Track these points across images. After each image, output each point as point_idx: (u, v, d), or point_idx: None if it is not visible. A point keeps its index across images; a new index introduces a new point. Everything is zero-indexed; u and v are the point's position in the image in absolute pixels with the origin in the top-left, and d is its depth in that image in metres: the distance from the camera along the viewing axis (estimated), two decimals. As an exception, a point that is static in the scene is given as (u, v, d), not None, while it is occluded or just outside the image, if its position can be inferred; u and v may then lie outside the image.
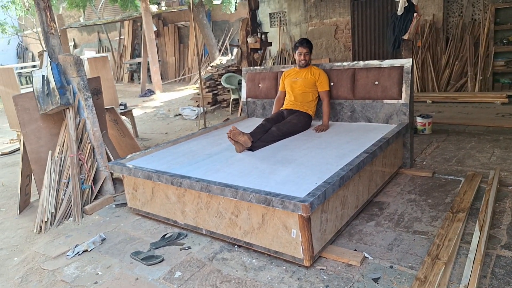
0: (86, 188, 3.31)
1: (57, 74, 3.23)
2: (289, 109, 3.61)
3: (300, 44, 3.54)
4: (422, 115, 4.63)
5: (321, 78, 3.54)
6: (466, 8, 6.58)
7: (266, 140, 3.21)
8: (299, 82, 3.59)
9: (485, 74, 6.32)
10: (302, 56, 3.54)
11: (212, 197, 2.47)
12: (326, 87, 3.55)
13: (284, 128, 3.36)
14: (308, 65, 3.61)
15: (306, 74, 3.58)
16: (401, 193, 3.05)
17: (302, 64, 3.57)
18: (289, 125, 3.41)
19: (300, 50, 3.53)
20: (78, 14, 14.34)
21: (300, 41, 3.56)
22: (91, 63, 5.28)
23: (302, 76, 3.58)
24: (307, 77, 3.56)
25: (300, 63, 3.58)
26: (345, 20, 8.01)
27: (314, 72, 3.57)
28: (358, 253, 2.25)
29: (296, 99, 3.60)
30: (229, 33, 10.83)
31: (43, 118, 3.38)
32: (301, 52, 3.53)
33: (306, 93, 3.57)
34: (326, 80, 3.55)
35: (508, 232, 2.35)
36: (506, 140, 4.04)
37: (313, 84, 3.56)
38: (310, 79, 3.55)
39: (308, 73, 3.58)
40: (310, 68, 3.62)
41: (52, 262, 2.55)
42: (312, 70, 3.60)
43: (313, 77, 3.54)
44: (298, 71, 3.62)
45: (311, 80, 3.55)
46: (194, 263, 2.35)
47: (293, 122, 3.44)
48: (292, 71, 3.69)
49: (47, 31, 3.30)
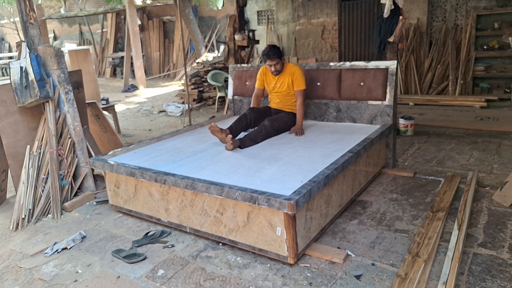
0: (66, 184, 3.22)
1: (37, 66, 3.12)
2: (276, 109, 3.58)
3: (267, 57, 3.34)
4: (405, 116, 4.72)
5: (296, 77, 3.41)
6: (449, 13, 6.75)
7: (257, 138, 3.16)
8: (279, 87, 3.50)
9: (466, 78, 6.51)
10: (272, 68, 3.39)
11: (197, 194, 2.44)
12: (302, 85, 3.42)
13: (277, 124, 3.32)
14: (282, 70, 3.46)
15: (284, 78, 3.46)
16: (384, 193, 3.10)
17: (275, 74, 3.45)
18: (281, 122, 3.37)
19: (269, 63, 3.37)
20: (59, 5, 13.92)
21: (267, 54, 3.34)
22: (72, 55, 5.14)
23: (281, 81, 3.47)
24: (286, 81, 3.45)
25: (273, 74, 3.46)
26: (332, 21, 8.08)
27: (289, 72, 3.44)
28: (341, 251, 2.28)
29: (281, 102, 3.55)
30: (216, 29, 10.74)
31: (21, 112, 3.27)
32: (270, 65, 3.38)
33: (289, 96, 3.51)
34: (301, 78, 3.42)
35: (484, 231, 2.43)
36: (484, 143, 4.17)
37: (291, 84, 3.48)
38: (288, 81, 3.45)
39: (284, 76, 3.45)
40: (286, 69, 3.47)
41: (29, 260, 2.47)
42: (288, 70, 3.45)
43: (290, 78, 3.43)
44: (277, 77, 3.50)
45: (288, 82, 3.45)
46: (177, 261, 2.32)
47: (284, 120, 3.41)
48: (270, 76, 3.55)
49: (26, 20, 3.18)
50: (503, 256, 2.16)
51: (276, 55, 3.35)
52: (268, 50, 3.35)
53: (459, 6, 6.68)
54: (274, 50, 3.35)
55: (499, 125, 4.75)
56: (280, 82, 3.47)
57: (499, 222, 2.51)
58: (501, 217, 2.58)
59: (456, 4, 6.70)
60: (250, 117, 3.38)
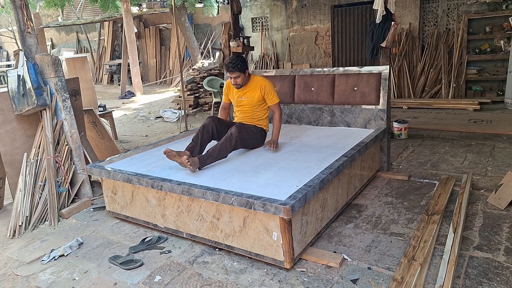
0: (63, 191, 3.22)
1: (34, 74, 3.14)
2: (241, 123, 3.22)
3: (227, 69, 3.03)
4: (399, 120, 4.76)
5: (268, 92, 3.14)
6: (441, 18, 6.85)
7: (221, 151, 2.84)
8: (245, 102, 3.20)
9: (458, 81, 6.58)
10: (233, 80, 3.09)
11: (193, 200, 2.46)
12: (276, 99, 3.18)
13: (245, 133, 3.00)
14: (246, 83, 3.16)
15: (250, 92, 3.16)
16: (379, 196, 3.13)
17: (237, 88, 3.15)
18: (250, 132, 3.09)
19: (230, 75, 3.08)
20: (56, 13, 13.97)
21: (226, 66, 3.02)
22: (69, 63, 5.17)
23: (247, 95, 3.18)
24: (253, 95, 3.16)
25: (235, 87, 3.16)
26: (326, 27, 8.16)
27: (258, 86, 3.15)
28: (337, 255, 2.29)
29: (247, 117, 3.24)
30: (211, 36, 10.82)
31: (18, 119, 3.28)
32: (231, 77, 3.09)
33: (255, 112, 3.22)
34: (274, 92, 3.18)
35: (480, 233, 2.45)
36: (478, 145, 4.22)
37: (261, 99, 3.18)
38: (256, 96, 3.16)
39: (251, 90, 3.16)
40: (252, 81, 3.18)
41: (26, 267, 2.47)
42: (255, 84, 3.16)
43: (259, 93, 3.15)
44: (242, 90, 3.20)
45: (257, 97, 3.16)
46: (174, 267, 2.33)
47: (253, 130, 3.14)
48: (234, 89, 3.24)
49: (24, 29, 3.21)
50: (499, 259, 2.18)
51: (237, 67, 3.00)
52: (228, 61, 3.03)
53: (451, 10, 6.78)
54: (235, 62, 3.00)
55: (492, 128, 4.80)
56: (247, 96, 3.17)
57: (495, 225, 2.54)
58: (496, 219, 2.61)
59: (447, 8, 6.80)
60: (212, 126, 3.02)
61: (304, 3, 8.31)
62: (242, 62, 3.03)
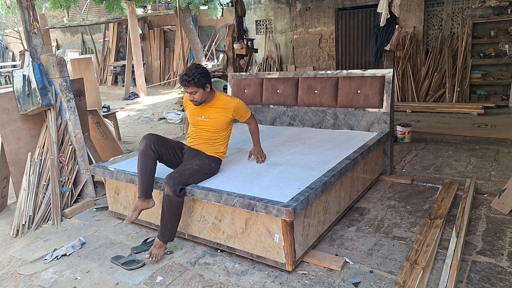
0: (66, 191, 3.24)
1: (39, 74, 3.17)
2: (193, 148, 2.68)
3: (180, 82, 2.50)
4: (402, 124, 4.75)
5: (239, 112, 2.69)
6: (446, 21, 6.83)
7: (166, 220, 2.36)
8: (205, 123, 2.64)
9: (463, 85, 6.56)
10: (190, 96, 2.53)
11: (195, 201, 2.46)
12: (247, 114, 2.77)
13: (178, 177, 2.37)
14: (208, 100, 2.61)
15: (214, 113, 2.61)
16: (381, 200, 3.12)
17: (195, 104, 2.60)
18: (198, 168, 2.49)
19: (186, 91, 2.52)
20: (62, 14, 14.08)
21: (180, 78, 2.48)
22: (74, 64, 5.20)
23: (209, 114, 2.61)
24: (217, 116, 2.62)
25: (193, 103, 2.61)
26: (329, 30, 8.17)
27: (227, 107, 2.63)
28: (339, 258, 2.29)
29: (203, 142, 2.68)
30: (215, 38, 10.86)
31: (23, 119, 3.30)
32: (188, 92, 2.52)
33: (217, 137, 2.69)
34: (243, 109, 2.72)
35: (483, 238, 2.44)
36: (482, 150, 4.20)
37: (228, 122, 2.69)
38: (223, 119, 2.63)
39: (216, 110, 2.61)
40: (218, 100, 2.63)
41: (29, 266, 2.48)
42: (223, 104, 2.62)
43: (226, 116, 2.64)
44: (202, 107, 2.63)
45: (224, 120, 2.64)
46: (176, 268, 2.33)
47: (194, 168, 2.48)
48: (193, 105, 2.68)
49: (30, 30, 3.24)
50: (503, 264, 2.16)
51: (193, 81, 2.43)
52: (182, 75, 2.47)
53: (455, 14, 6.77)
54: (191, 74, 2.43)
55: (496, 132, 4.78)
56: (208, 116, 2.62)
57: (498, 230, 2.52)
58: (499, 224, 2.59)
59: (452, 12, 6.79)
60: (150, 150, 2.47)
61: (308, 6, 8.32)
62: (201, 75, 2.45)
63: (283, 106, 3.94)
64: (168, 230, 2.39)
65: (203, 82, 2.47)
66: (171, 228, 2.40)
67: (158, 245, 2.40)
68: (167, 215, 2.36)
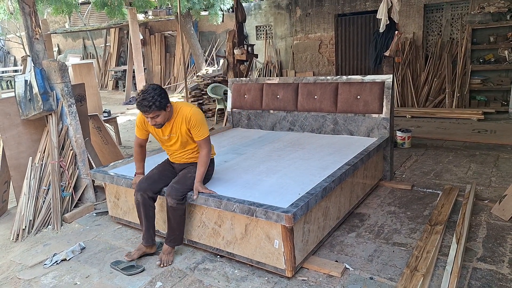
0: (67, 195, 3.24)
1: (41, 79, 3.18)
2: (180, 163, 2.61)
3: (139, 109, 2.29)
4: (402, 129, 4.76)
5: (194, 125, 2.41)
6: (445, 27, 6.87)
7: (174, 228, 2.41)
8: (174, 138, 2.50)
9: (462, 91, 6.57)
10: (152, 121, 2.35)
11: (195, 206, 2.47)
12: (204, 133, 2.44)
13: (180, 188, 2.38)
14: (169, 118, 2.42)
15: (176, 128, 2.45)
16: (381, 205, 3.11)
17: (158, 127, 2.43)
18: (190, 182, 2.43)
19: (147, 116, 2.33)
20: (64, 19, 14.17)
21: (139, 105, 2.27)
22: (75, 69, 5.23)
23: (174, 131, 2.47)
24: (181, 131, 2.45)
25: (156, 127, 2.43)
26: (329, 36, 8.21)
27: (184, 117, 2.42)
28: (339, 264, 2.28)
29: (183, 156, 2.59)
30: (216, 44, 10.91)
31: (24, 124, 3.32)
32: (149, 118, 2.34)
33: (192, 148, 2.56)
34: (201, 124, 2.43)
35: (484, 245, 2.43)
36: (482, 155, 4.20)
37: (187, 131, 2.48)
38: (184, 130, 2.45)
39: (177, 124, 2.44)
40: (176, 112, 2.44)
41: (28, 271, 2.48)
42: (181, 116, 2.42)
43: (186, 125, 2.44)
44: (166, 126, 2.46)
45: (186, 130, 2.45)
46: (175, 273, 2.33)
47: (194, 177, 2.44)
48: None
49: (32, 36, 3.26)
50: (503, 271, 2.15)
51: (155, 105, 2.25)
52: (140, 98, 2.26)
53: (455, 20, 6.81)
54: (150, 98, 2.24)
55: (496, 138, 4.78)
56: (174, 132, 2.47)
57: (498, 236, 2.52)
58: (500, 231, 2.59)
59: (451, 18, 6.83)
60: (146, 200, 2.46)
61: (308, 11, 8.37)
62: (160, 96, 2.27)
63: (283, 111, 3.96)
64: (176, 236, 2.46)
65: (164, 103, 2.30)
66: (179, 234, 2.46)
67: (167, 251, 2.45)
68: (174, 223, 2.42)
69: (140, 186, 2.49)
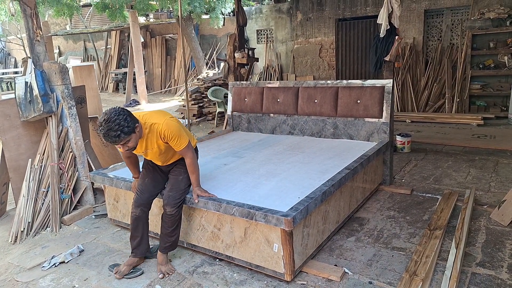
0: (66, 197, 3.24)
1: (41, 81, 3.19)
2: (166, 165, 2.53)
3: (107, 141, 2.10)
4: (402, 134, 4.76)
5: (170, 137, 2.28)
6: (445, 33, 6.90)
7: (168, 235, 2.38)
8: (150, 153, 2.40)
9: (462, 96, 6.59)
10: (124, 147, 2.18)
11: (194, 209, 2.46)
12: (183, 142, 2.32)
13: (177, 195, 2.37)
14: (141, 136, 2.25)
15: (151, 145, 2.32)
16: (381, 210, 3.11)
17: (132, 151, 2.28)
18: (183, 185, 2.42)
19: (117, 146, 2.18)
20: (65, 22, 14.22)
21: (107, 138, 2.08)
22: (76, 71, 5.23)
23: (151, 146, 2.33)
24: (157, 144, 2.33)
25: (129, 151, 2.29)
26: (330, 40, 8.24)
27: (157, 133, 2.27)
28: (338, 268, 2.28)
29: (165, 159, 2.48)
30: (217, 47, 10.94)
31: (24, 126, 3.32)
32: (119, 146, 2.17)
33: (171, 152, 2.46)
34: (178, 135, 2.29)
35: (483, 250, 2.43)
36: (482, 161, 4.20)
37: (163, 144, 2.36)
38: (162, 144, 2.34)
39: (151, 142, 2.31)
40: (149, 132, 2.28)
41: (26, 273, 2.47)
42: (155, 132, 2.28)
43: (162, 140, 2.31)
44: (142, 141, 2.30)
45: (162, 143, 2.33)
46: (174, 277, 2.32)
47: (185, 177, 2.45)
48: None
49: (33, 38, 3.27)
50: (502, 276, 2.15)
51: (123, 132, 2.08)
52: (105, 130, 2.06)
53: (455, 26, 6.83)
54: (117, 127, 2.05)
55: (496, 143, 4.79)
56: (151, 148, 2.35)
57: (498, 241, 2.51)
58: (499, 236, 2.59)
59: (451, 24, 6.86)
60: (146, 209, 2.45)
61: (309, 16, 8.41)
62: (126, 121, 2.09)
63: (283, 115, 3.96)
64: (173, 242, 2.43)
65: (132, 127, 2.12)
66: (176, 239, 2.44)
67: (164, 261, 2.40)
68: (172, 229, 2.38)
69: (139, 201, 2.42)
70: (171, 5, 9.33)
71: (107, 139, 2.08)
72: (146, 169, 2.56)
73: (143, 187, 2.47)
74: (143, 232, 2.46)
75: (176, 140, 2.29)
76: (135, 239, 2.45)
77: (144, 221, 2.46)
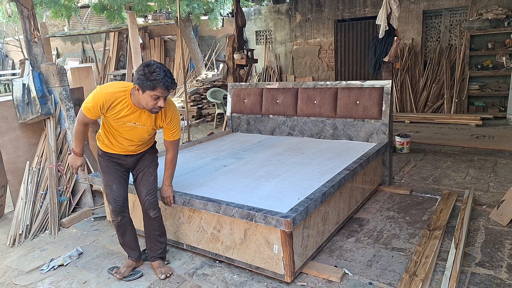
0: (64, 200, 3.22)
1: (39, 83, 3.18)
2: (132, 154, 2.39)
3: (169, 87, 2.05)
4: (401, 134, 4.77)
5: (170, 123, 2.28)
6: (444, 33, 6.92)
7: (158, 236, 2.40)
8: (139, 129, 2.26)
9: (461, 97, 6.61)
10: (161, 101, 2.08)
11: (194, 211, 2.46)
12: (178, 134, 2.35)
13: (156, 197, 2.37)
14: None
15: (150, 120, 2.23)
16: (380, 210, 3.11)
17: (155, 112, 2.17)
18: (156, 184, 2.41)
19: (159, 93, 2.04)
20: (63, 23, 14.20)
21: (170, 83, 2.05)
22: (74, 73, 5.23)
23: (144, 122, 2.23)
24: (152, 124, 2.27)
25: (153, 110, 2.14)
26: (329, 41, 8.25)
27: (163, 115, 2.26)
28: (338, 269, 2.27)
29: (137, 147, 2.38)
30: (216, 48, 10.94)
31: (22, 128, 3.31)
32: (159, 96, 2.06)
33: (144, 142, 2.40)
34: (177, 125, 2.32)
35: (482, 250, 2.43)
36: (480, 161, 4.21)
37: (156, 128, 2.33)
38: (158, 127, 2.32)
39: (151, 118, 2.24)
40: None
41: (25, 277, 2.45)
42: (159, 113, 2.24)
43: (159, 122, 2.28)
44: (139, 113, 2.19)
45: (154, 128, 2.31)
46: (174, 279, 2.31)
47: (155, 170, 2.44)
48: (125, 108, 2.16)
49: (30, 39, 3.27)
50: (502, 276, 2.15)
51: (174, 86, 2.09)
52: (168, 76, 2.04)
53: (453, 26, 6.85)
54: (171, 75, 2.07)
55: (494, 143, 4.80)
56: (142, 123, 2.23)
57: (497, 241, 2.52)
58: (498, 236, 2.59)
59: (450, 25, 6.88)
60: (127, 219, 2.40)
61: (308, 17, 8.42)
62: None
63: (283, 116, 3.96)
64: (164, 246, 2.45)
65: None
66: (165, 240, 2.46)
67: (161, 263, 2.41)
68: (161, 232, 2.42)
69: (118, 209, 2.31)
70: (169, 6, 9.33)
71: (170, 85, 2.04)
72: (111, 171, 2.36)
73: (115, 194, 2.32)
74: (131, 235, 2.42)
75: (176, 129, 2.32)
76: (127, 245, 2.44)
77: (129, 224, 2.42)
